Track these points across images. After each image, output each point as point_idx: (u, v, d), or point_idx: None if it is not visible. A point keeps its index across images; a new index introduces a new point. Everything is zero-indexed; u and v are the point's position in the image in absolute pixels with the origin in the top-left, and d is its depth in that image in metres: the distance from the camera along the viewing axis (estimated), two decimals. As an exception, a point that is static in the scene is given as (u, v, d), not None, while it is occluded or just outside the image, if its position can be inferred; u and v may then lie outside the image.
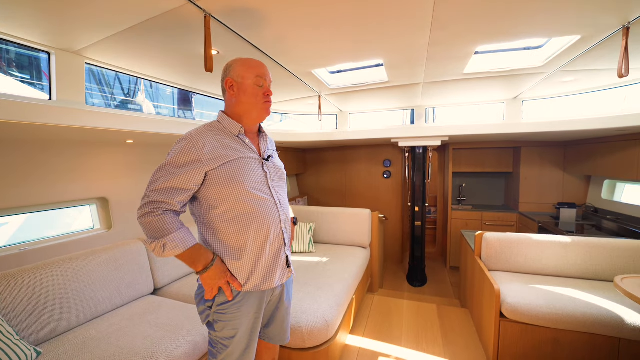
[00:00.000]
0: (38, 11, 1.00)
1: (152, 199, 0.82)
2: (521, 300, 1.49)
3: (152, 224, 0.81)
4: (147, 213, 0.82)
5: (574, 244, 1.76)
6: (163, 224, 0.81)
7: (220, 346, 0.92)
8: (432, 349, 1.75)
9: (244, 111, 0.94)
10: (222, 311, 0.90)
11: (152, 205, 0.82)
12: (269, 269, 0.93)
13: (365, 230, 2.57)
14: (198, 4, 1.01)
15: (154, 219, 0.81)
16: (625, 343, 1.35)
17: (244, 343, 0.93)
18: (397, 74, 1.85)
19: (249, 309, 0.92)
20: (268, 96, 0.94)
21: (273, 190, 0.96)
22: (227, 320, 0.90)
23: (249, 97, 0.92)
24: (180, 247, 0.83)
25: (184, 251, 0.83)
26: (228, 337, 0.91)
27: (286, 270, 0.99)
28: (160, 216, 0.82)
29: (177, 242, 0.82)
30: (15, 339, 1.10)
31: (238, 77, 0.92)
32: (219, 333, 0.91)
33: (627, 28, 1.18)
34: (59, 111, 1.18)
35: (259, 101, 0.93)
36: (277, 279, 0.95)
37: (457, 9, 1.09)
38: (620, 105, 2.09)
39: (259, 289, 0.92)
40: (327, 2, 1.03)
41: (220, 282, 0.87)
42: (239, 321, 0.90)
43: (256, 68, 0.93)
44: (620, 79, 1.25)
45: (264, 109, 0.94)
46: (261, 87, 0.93)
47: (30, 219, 1.72)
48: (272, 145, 1.11)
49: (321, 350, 1.44)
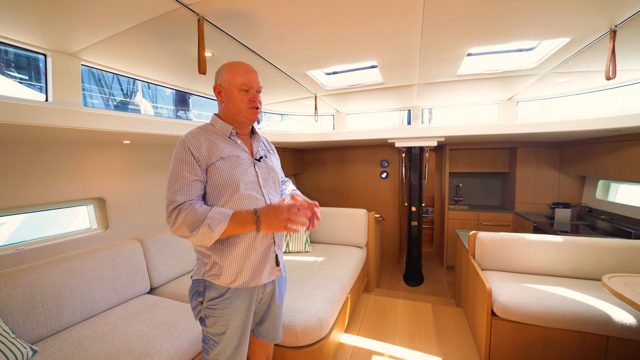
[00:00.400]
0: (34, 14, 1.02)
1: (175, 203, 0.85)
2: (512, 299, 1.51)
3: (187, 218, 0.83)
4: (177, 214, 0.84)
5: (565, 243, 1.78)
6: (196, 212, 0.83)
7: (212, 342, 0.94)
8: (425, 347, 1.77)
9: (232, 116, 0.97)
10: (213, 306, 0.92)
11: (177, 206, 0.85)
12: (257, 266, 0.95)
13: (361, 230, 2.59)
14: (191, 8, 1.03)
15: (186, 215, 0.83)
16: (613, 341, 1.37)
17: (236, 340, 0.95)
18: (392, 75, 1.87)
19: (239, 306, 0.93)
20: (254, 102, 0.95)
21: (264, 190, 0.98)
22: (217, 315, 0.92)
23: (235, 103, 0.95)
24: (224, 220, 0.83)
25: (229, 222, 0.83)
26: (219, 333, 0.93)
27: (275, 269, 1.00)
28: (189, 209, 0.84)
29: (219, 218, 0.83)
30: (12, 338, 1.12)
31: (225, 84, 0.95)
32: (210, 329, 0.93)
33: (614, 31, 1.20)
34: (55, 112, 1.20)
35: (243, 107, 0.95)
36: (265, 277, 0.97)
37: (447, 12, 1.11)
38: (617, 105, 2.10)
39: (248, 286, 0.94)
40: (318, 5, 1.05)
41: (282, 221, 0.83)
42: (229, 317, 0.92)
43: (242, 75, 0.94)
44: (607, 81, 1.27)
45: (249, 114, 0.96)
46: (247, 92, 0.95)
47: (27, 219, 1.73)
48: (269, 146, 1.14)
49: (315, 349, 1.45)
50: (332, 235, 2.68)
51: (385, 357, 1.69)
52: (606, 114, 2.04)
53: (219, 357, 0.94)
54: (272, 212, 0.84)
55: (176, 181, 0.87)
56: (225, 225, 0.83)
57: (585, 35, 1.28)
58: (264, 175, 1.00)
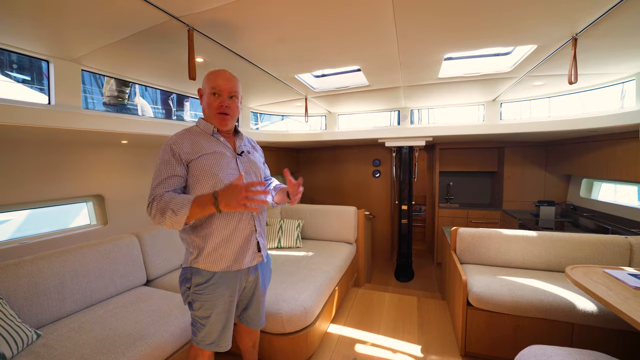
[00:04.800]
0: (37, 24, 1.11)
1: (154, 194, 0.94)
2: (486, 289, 1.60)
3: (158, 206, 0.91)
4: (152, 205, 0.93)
5: (539, 238, 1.88)
6: (164, 200, 0.91)
7: (199, 325, 1.04)
8: (407, 336, 1.87)
9: (207, 118, 1.08)
10: (199, 292, 1.01)
11: (153, 198, 0.94)
12: (239, 251, 1.04)
13: (350, 227, 2.69)
14: (182, 19, 1.12)
15: (157, 203, 0.92)
16: (577, 327, 1.47)
17: (220, 323, 1.04)
18: (376, 78, 1.97)
19: (224, 291, 1.03)
20: (221, 107, 1.02)
21: (245, 182, 1.07)
22: (203, 300, 1.01)
23: (207, 105, 1.05)
24: (186, 204, 0.87)
25: (191, 205, 0.87)
26: (204, 316, 1.02)
27: (257, 254, 1.10)
28: (159, 198, 0.92)
29: (181, 202, 0.88)
30: (18, 322, 1.22)
31: (203, 88, 1.07)
32: (197, 312, 1.03)
33: (575, 39, 1.30)
34: (57, 114, 1.30)
35: (212, 111, 1.04)
36: (247, 261, 1.06)
37: (417, 21, 1.20)
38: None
39: (231, 269, 1.03)
40: (298, 16, 1.14)
41: (240, 199, 0.85)
42: (214, 302, 1.02)
43: (213, 81, 1.02)
44: (570, 85, 1.36)
45: (216, 118, 1.04)
46: (216, 96, 1.03)
47: (31, 217, 1.83)
48: (253, 144, 1.23)
49: (300, 335, 1.55)
50: (322, 232, 2.78)
51: (368, 345, 1.79)
52: (583, 114, 2.14)
53: (205, 339, 1.04)
54: (229, 191, 0.86)
55: (156, 177, 0.96)
56: (188, 209, 0.87)
57: (549, 42, 1.38)
58: (246, 168, 1.09)
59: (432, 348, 1.75)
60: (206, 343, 1.04)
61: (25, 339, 1.20)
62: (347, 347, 1.77)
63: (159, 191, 0.94)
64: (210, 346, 1.04)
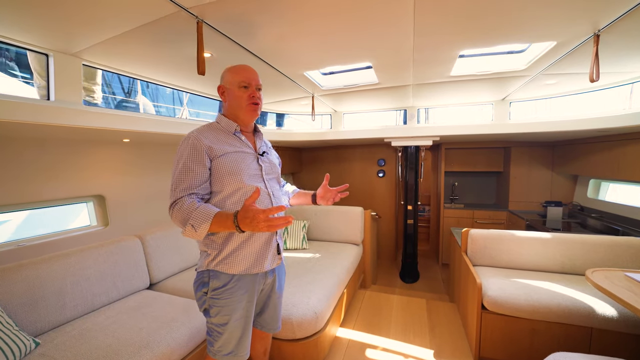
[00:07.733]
0: (37, 15, 1.05)
1: (173, 197, 0.90)
2: (501, 293, 1.56)
3: (178, 215, 0.88)
4: (172, 210, 0.89)
5: (554, 240, 1.84)
6: (184, 211, 0.86)
7: (216, 333, 0.98)
8: (419, 340, 1.83)
9: (234, 113, 1.03)
10: (217, 296, 0.96)
11: (173, 202, 0.90)
12: (259, 253, 0.99)
13: (357, 228, 2.64)
14: (191, 11, 1.06)
15: (176, 211, 0.88)
16: (596, 332, 1.43)
17: (239, 330, 0.98)
18: (386, 76, 1.92)
19: (242, 296, 0.97)
20: (253, 97, 1.01)
21: (267, 183, 1.04)
22: (221, 305, 0.96)
23: (235, 99, 1.01)
24: (206, 221, 0.84)
25: (212, 221, 0.84)
26: (222, 323, 0.96)
27: (277, 257, 1.06)
28: (179, 205, 0.88)
29: (201, 219, 0.84)
30: (15, 330, 1.15)
31: (227, 84, 1.02)
32: (214, 319, 0.97)
33: (598, 35, 1.25)
34: (56, 111, 1.23)
35: (243, 103, 1.01)
36: (267, 264, 1.02)
37: (437, 16, 1.15)
38: (607, 106, 2.16)
39: (250, 272, 0.98)
40: (313, 10, 1.08)
41: (259, 223, 0.80)
42: (232, 307, 0.96)
43: (241, 74, 1.01)
44: (592, 83, 1.32)
45: (248, 110, 1.02)
46: (246, 88, 1.01)
47: (29, 217, 1.76)
48: (267, 142, 1.19)
49: (310, 341, 1.50)
50: (329, 233, 2.73)
51: (379, 349, 1.74)
52: (594, 114, 2.11)
53: (223, 349, 0.98)
54: (248, 218, 0.81)
55: (177, 175, 0.92)
56: (207, 226, 0.84)
57: (570, 39, 1.33)
58: (267, 169, 1.06)
59: (444, 353, 1.70)
60: (223, 353, 0.98)
61: (22, 349, 1.13)
62: (357, 351, 1.72)
63: (179, 193, 0.90)
64: (228, 356, 0.98)
